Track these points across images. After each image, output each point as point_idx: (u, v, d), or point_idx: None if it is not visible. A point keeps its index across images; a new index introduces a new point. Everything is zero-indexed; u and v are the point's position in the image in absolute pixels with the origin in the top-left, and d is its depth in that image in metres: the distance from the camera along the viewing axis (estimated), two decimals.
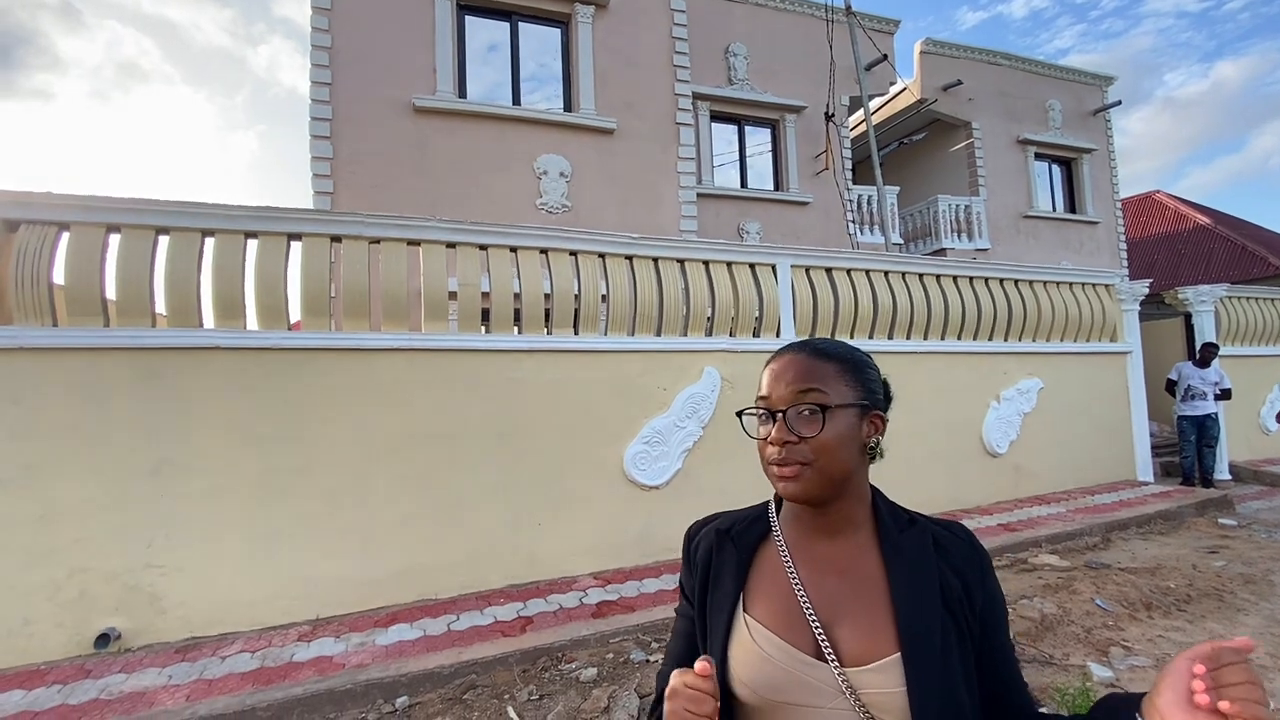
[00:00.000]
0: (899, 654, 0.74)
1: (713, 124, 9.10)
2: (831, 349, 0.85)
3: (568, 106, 6.73)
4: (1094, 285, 6.66)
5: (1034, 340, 6.19)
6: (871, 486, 0.87)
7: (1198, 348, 7.35)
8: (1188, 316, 7.96)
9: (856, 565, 0.81)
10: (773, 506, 0.91)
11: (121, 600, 3.18)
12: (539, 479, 4.02)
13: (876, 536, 0.83)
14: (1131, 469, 6.66)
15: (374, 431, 3.69)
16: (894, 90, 10.78)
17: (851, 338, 5.22)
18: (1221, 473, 7.31)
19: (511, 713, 2.60)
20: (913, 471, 5.31)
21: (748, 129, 9.46)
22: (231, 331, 3.49)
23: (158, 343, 3.33)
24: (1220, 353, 7.27)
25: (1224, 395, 6.98)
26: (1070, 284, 6.51)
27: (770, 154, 9.62)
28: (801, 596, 0.79)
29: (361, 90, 5.86)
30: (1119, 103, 12.20)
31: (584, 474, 4.15)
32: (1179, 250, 15.22)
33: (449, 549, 3.78)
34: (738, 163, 9.44)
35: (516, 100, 6.59)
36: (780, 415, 0.79)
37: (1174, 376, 7.26)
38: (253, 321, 3.60)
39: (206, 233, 3.51)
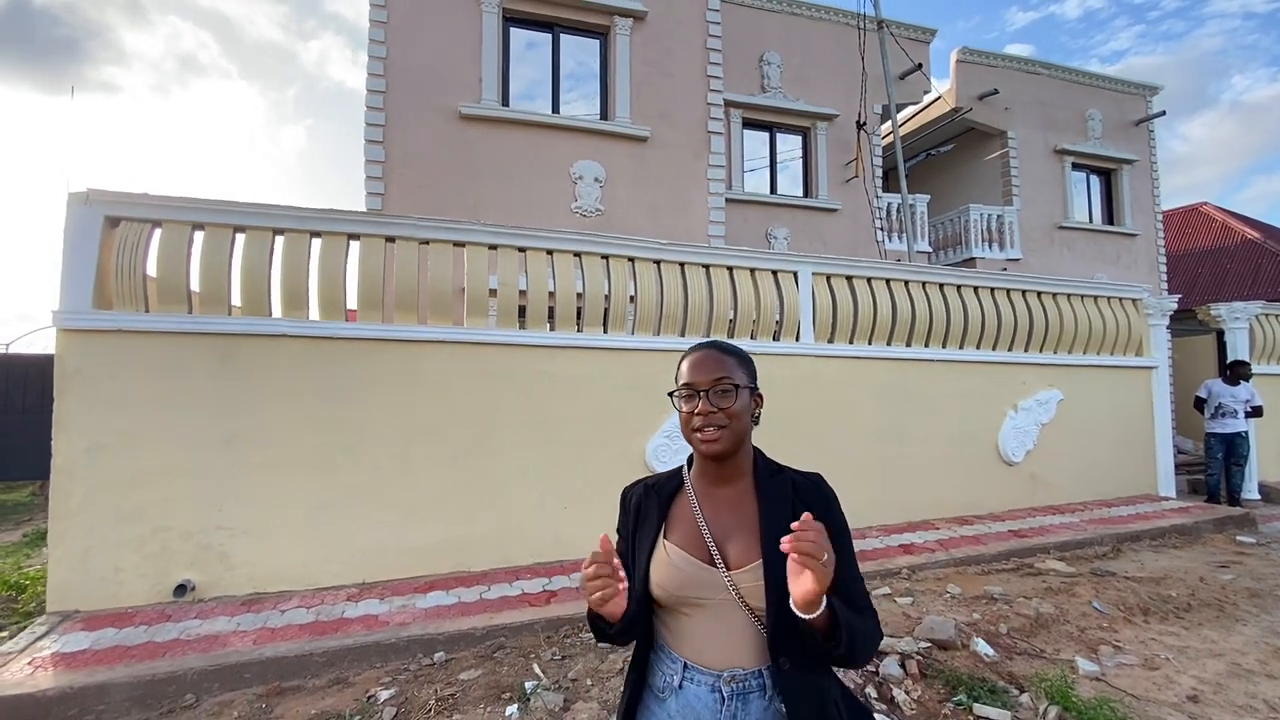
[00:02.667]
0: (760, 560, 1.05)
1: (744, 130, 9.30)
2: (730, 347, 1.17)
3: (604, 115, 7.03)
4: (1120, 299, 6.69)
5: (1055, 352, 6.26)
6: (754, 447, 1.19)
7: (1228, 365, 7.31)
8: (1220, 333, 7.87)
9: (740, 503, 1.14)
10: (685, 468, 1.23)
11: (196, 556, 3.59)
12: (566, 465, 4.33)
13: (755, 483, 1.15)
14: (1153, 484, 6.68)
15: (418, 415, 4.04)
16: (928, 99, 10.82)
17: (870, 344, 5.41)
18: (1250, 492, 7.24)
19: (537, 669, 2.91)
20: (925, 474, 5.47)
21: (779, 136, 9.63)
22: (296, 321, 3.88)
23: (233, 329, 3.74)
24: (1254, 371, 7.22)
25: (1255, 413, 6.94)
26: (1095, 297, 6.55)
27: (801, 161, 9.78)
28: (702, 525, 1.12)
29: (412, 98, 6.26)
30: (1163, 113, 11.98)
31: (608, 462, 4.44)
32: (1225, 265, 14.83)
33: (482, 526, 4.12)
34: (768, 169, 9.63)
35: (556, 108, 6.92)
36: (704, 394, 1.09)
37: (1203, 394, 7.22)
38: (315, 312, 3.98)
39: (277, 231, 3.90)
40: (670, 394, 1.16)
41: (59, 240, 3.49)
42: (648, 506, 1.20)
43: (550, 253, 4.45)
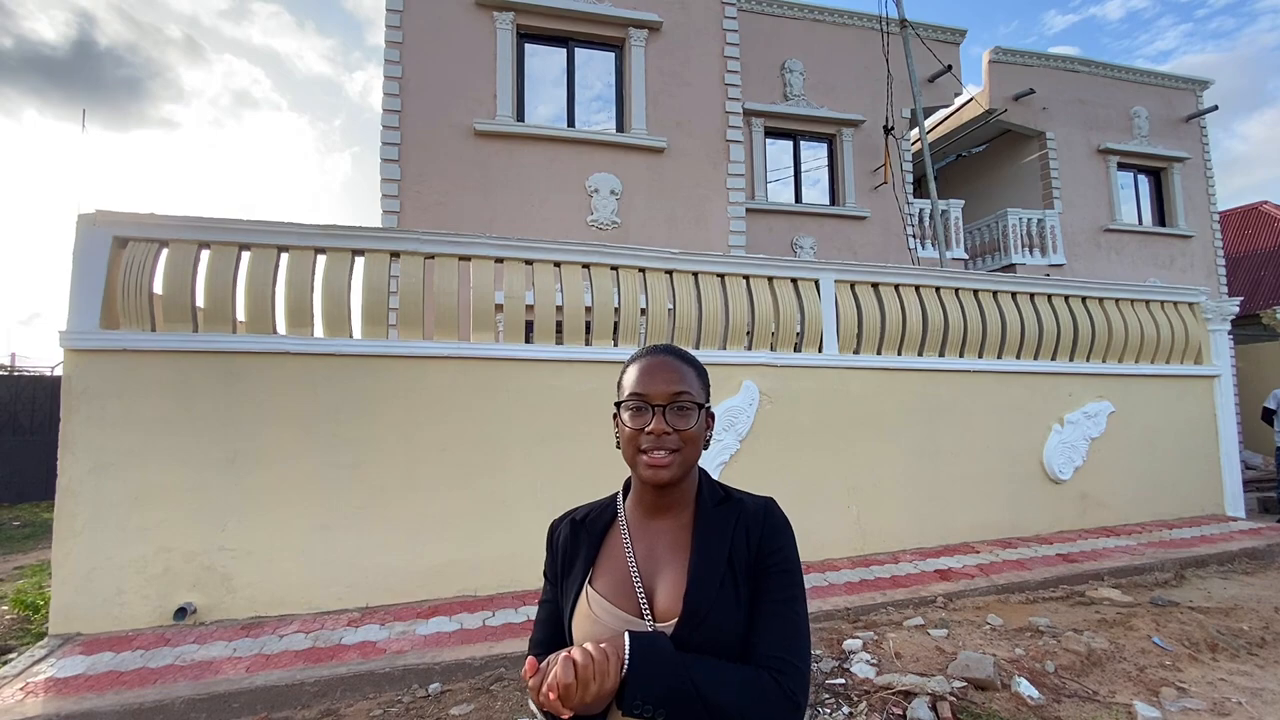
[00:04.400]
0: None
1: (767, 140, 9.12)
2: (688, 356, 1.00)
3: (619, 126, 6.95)
4: (1175, 303, 6.23)
5: (1104, 361, 5.84)
6: (700, 469, 1.02)
7: None
8: None
9: (677, 538, 0.96)
10: (620, 496, 1.05)
11: (198, 578, 3.53)
12: (576, 483, 4.12)
13: (695, 515, 0.97)
14: (1219, 503, 6.14)
15: (423, 433, 3.94)
16: (960, 101, 10.47)
17: (899, 354, 5.12)
18: None
19: (532, 705, 2.72)
20: (963, 494, 5.12)
21: (803, 144, 9.42)
22: (300, 338, 3.84)
23: (237, 347, 3.70)
24: None
25: None
26: (1147, 301, 6.11)
27: (827, 169, 9.53)
28: (633, 568, 0.94)
29: (428, 116, 6.28)
30: (1215, 108, 11.33)
31: (619, 481, 4.24)
32: None
33: (489, 548, 3.97)
34: (792, 178, 9.41)
35: (571, 122, 6.87)
36: (659, 410, 0.91)
37: (1272, 405, 6.68)
38: (319, 329, 3.93)
39: (282, 249, 3.88)
40: (616, 404, 0.98)
41: (69, 263, 3.52)
42: (575, 547, 1.02)
43: (558, 265, 4.34)
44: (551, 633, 1.02)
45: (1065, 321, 5.71)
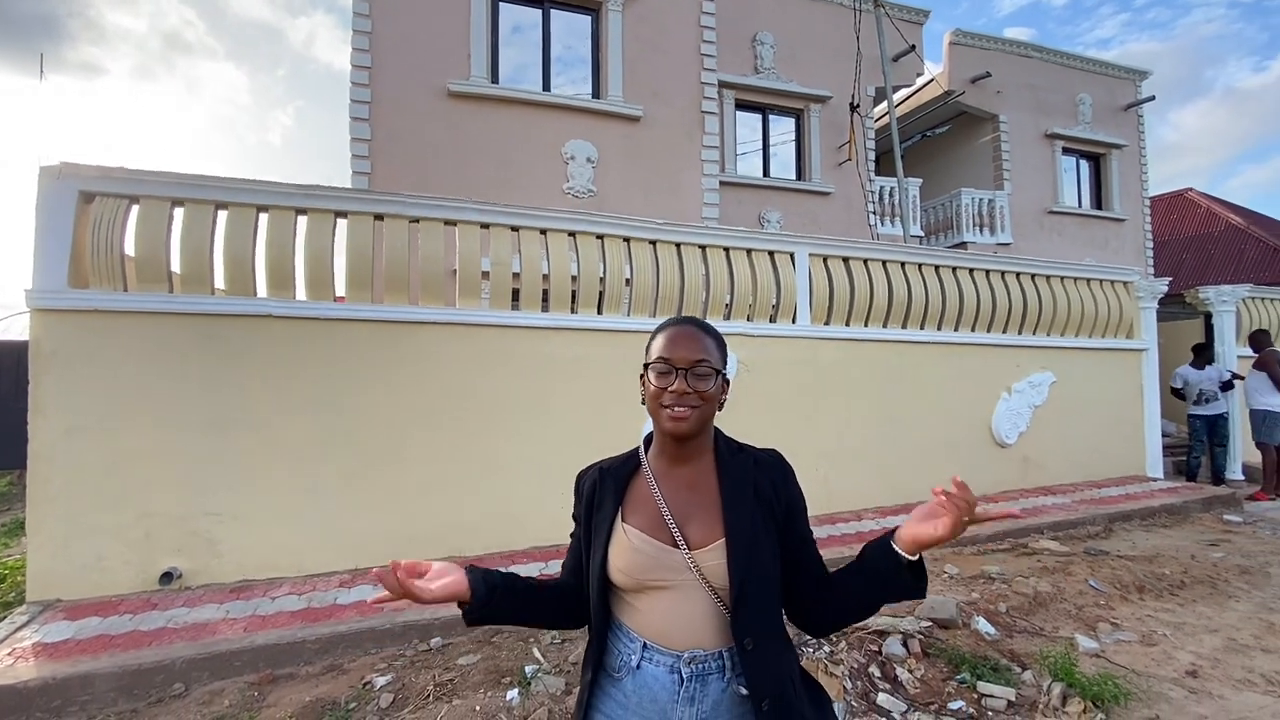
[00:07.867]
0: (724, 539, 1.03)
1: (737, 112, 9.19)
2: (709, 327, 1.13)
3: (596, 93, 6.89)
4: (1112, 282, 6.72)
5: (1048, 334, 6.27)
6: (714, 427, 1.16)
7: (1215, 350, 7.42)
8: (1208, 317, 7.93)
9: (701, 482, 1.11)
10: (642, 449, 1.18)
11: (182, 543, 3.49)
12: (563, 448, 4.25)
13: (715, 461, 1.13)
14: (1142, 465, 6.75)
15: (410, 398, 3.95)
16: (921, 81, 10.75)
17: (866, 325, 5.37)
18: (1234, 472, 7.36)
19: (537, 653, 2.86)
20: (920, 456, 5.47)
21: (772, 118, 9.54)
22: (282, 301, 3.76)
23: (216, 309, 3.61)
24: (1242, 354, 7.31)
25: (1228, 385, 7.02)
26: (1088, 280, 6.57)
27: (793, 143, 9.69)
28: (662, 506, 1.08)
29: (399, 74, 6.08)
30: (1152, 98, 12.02)
31: (604, 445, 4.30)
32: (1209, 250, 14.99)
33: (478, 510, 4.04)
34: (760, 151, 9.54)
35: (546, 86, 6.77)
36: (682, 373, 1.04)
37: (1178, 384, 7.31)
38: (301, 292, 3.86)
39: (261, 208, 3.77)
40: (645, 365, 1.11)
41: (32, 218, 3.34)
42: (603, 490, 1.15)
43: (544, 232, 4.35)
44: (578, 559, 1.18)
45: (1015, 296, 6.09)
